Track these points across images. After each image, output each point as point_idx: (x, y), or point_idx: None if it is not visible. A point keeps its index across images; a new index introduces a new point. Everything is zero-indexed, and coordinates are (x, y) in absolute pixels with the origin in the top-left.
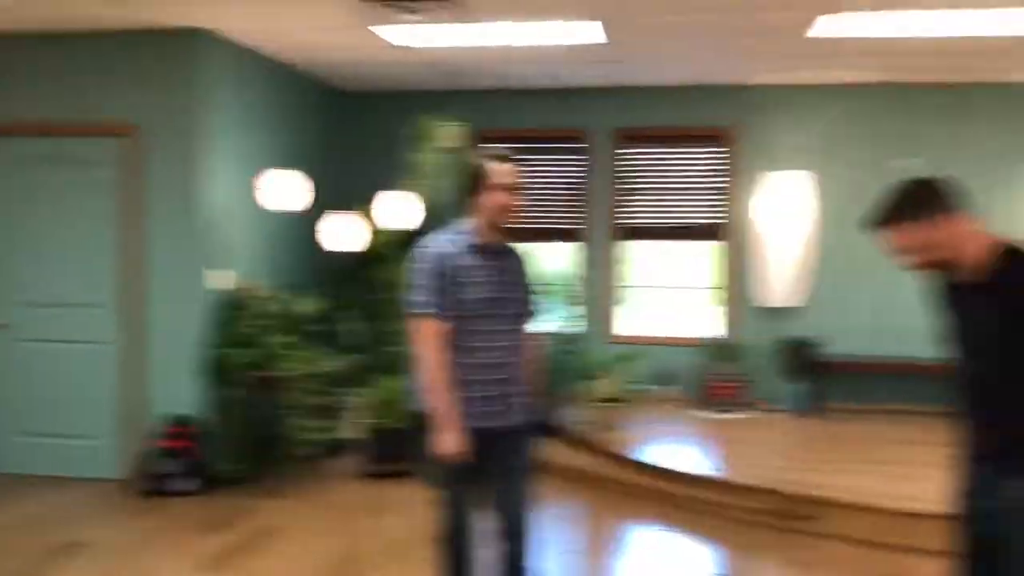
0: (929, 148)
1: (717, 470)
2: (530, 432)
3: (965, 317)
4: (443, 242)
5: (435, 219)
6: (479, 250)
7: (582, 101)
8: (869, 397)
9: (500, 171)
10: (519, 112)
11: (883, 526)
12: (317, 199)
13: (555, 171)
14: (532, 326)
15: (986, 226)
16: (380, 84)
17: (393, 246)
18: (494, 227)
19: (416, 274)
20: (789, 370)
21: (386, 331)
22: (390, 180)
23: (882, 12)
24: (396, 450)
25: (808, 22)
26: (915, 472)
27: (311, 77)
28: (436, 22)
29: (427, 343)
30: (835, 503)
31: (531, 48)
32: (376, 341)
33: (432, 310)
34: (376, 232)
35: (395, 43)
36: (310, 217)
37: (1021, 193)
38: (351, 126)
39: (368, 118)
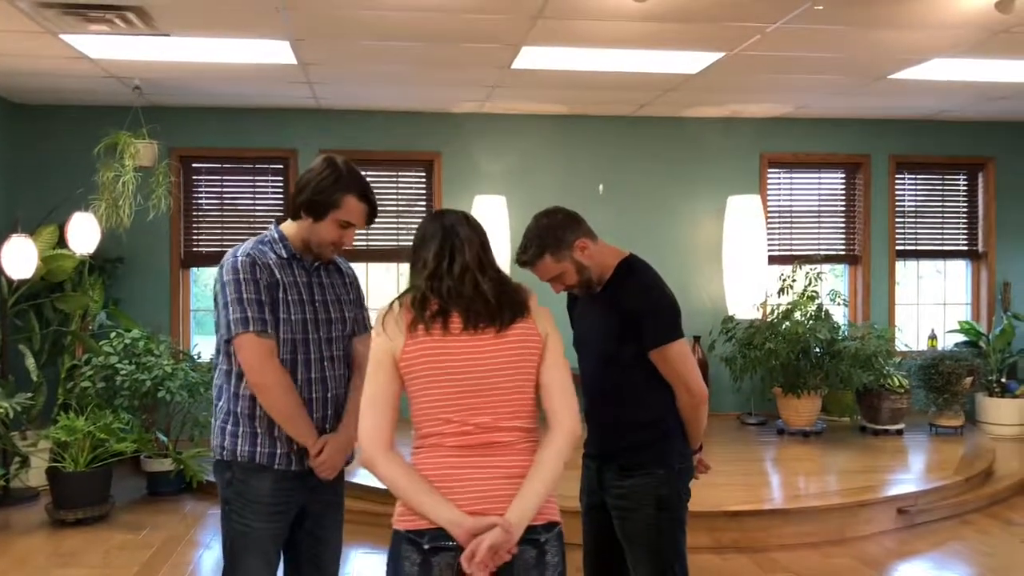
0: (608, 174)
1: None
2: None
3: (584, 327)
4: (257, 251)
5: (121, 243)
6: (299, 263)
7: (289, 122)
8: None
9: (355, 209)
10: (222, 132)
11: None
12: None
13: (260, 192)
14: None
15: (610, 244)
16: (64, 97)
17: (76, 273)
18: (308, 251)
19: (229, 287)
20: None
21: (69, 367)
22: (76, 201)
23: (574, 47)
24: (81, 496)
25: (513, 54)
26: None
27: None
28: (118, 33)
29: (260, 366)
30: None
31: (221, 65)
32: (58, 378)
33: (257, 327)
34: (58, 257)
35: (80, 54)
36: None
37: (678, 216)
38: (30, 142)
39: (51, 134)
